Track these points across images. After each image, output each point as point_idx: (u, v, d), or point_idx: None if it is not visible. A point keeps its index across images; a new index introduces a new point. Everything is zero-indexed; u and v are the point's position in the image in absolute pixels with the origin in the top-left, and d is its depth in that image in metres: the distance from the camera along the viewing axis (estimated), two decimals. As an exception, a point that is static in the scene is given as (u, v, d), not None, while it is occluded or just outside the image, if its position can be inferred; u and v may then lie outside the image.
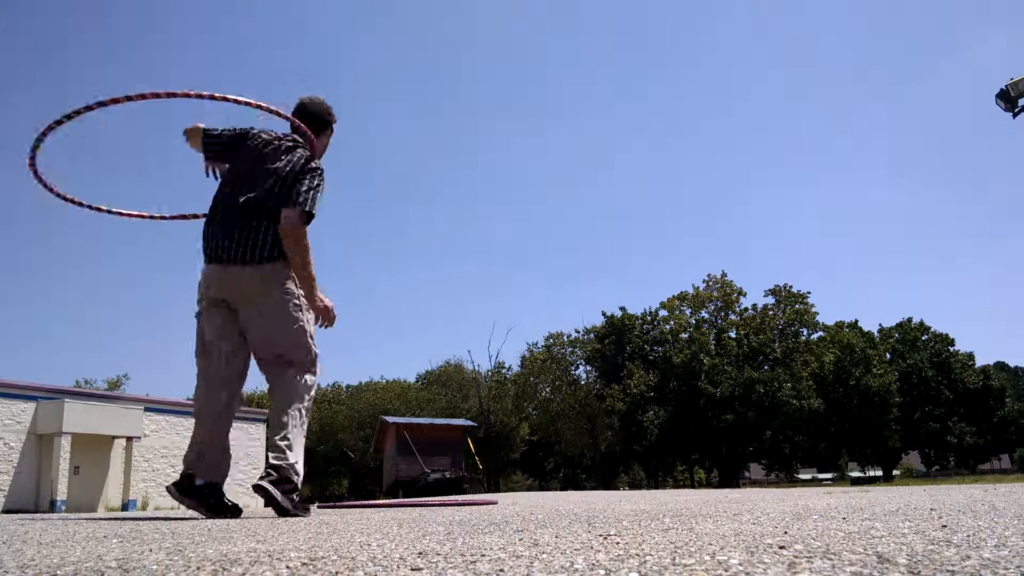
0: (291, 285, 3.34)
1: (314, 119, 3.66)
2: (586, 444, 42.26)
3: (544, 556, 1.18)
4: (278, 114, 3.47)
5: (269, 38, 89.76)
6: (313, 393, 3.44)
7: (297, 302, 3.35)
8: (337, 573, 1.07)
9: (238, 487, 21.30)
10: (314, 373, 3.44)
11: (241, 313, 3.33)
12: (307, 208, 3.28)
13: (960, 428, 45.63)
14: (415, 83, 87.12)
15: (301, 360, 3.38)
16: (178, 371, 72.10)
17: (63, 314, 68.68)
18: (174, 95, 3.19)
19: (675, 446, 40.14)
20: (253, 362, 3.46)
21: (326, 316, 3.43)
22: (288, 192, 3.31)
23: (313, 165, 3.42)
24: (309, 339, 3.41)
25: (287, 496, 3.09)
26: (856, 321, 45.94)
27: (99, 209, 3.86)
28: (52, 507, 16.49)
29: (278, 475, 3.10)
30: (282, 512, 3.07)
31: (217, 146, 3.54)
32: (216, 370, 3.32)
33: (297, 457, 3.23)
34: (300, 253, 3.29)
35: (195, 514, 3.39)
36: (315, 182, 3.36)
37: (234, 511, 3.28)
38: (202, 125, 3.54)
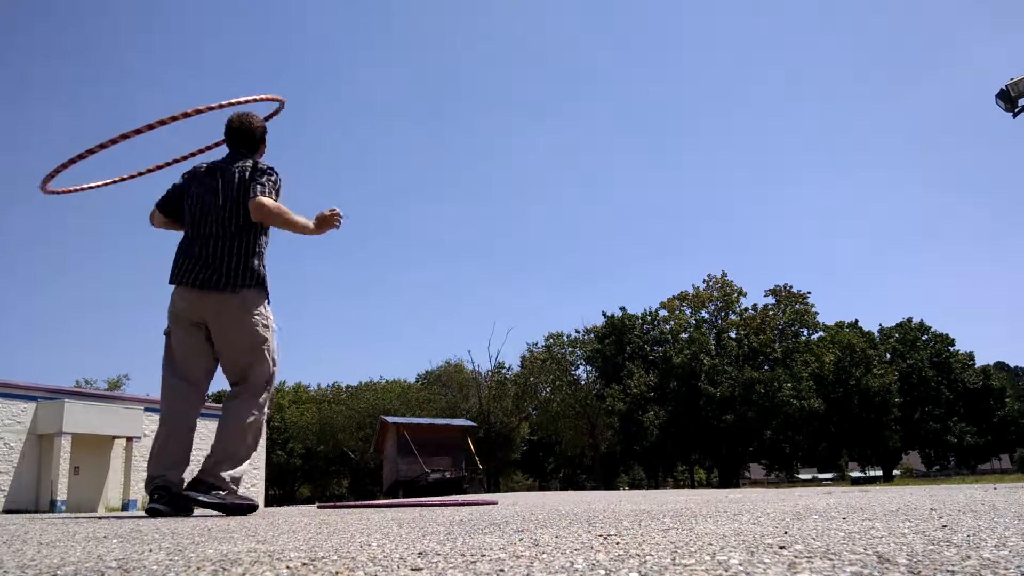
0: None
1: (246, 138, 3.87)
2: (586, 444, 42.25)
3: (544, 556, 1.18)
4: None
5: (268, 38, 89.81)
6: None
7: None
8: (337, 573, 1.07)
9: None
10: None
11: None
12: (265, 192, 3.60)
13: (960, 428, 45.60)
14: (416, 82, 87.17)
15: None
16: (178, 371, 71.77)
17: (63, 314, 68.71)
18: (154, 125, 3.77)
19: (675, 446, 40.14)
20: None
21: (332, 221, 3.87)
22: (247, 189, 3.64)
23: (264, 167, 3.71)
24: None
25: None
26: (856, 321, 45.93)
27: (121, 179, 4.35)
28: (52, 507, 16.49)
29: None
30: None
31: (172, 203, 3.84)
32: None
33: None
34: (280, 220, 3.63)
35: (195, 513, 3.41)
36: (273, 178, 3.69)
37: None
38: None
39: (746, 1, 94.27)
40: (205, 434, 4.23)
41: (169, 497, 3.34)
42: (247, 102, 3.94)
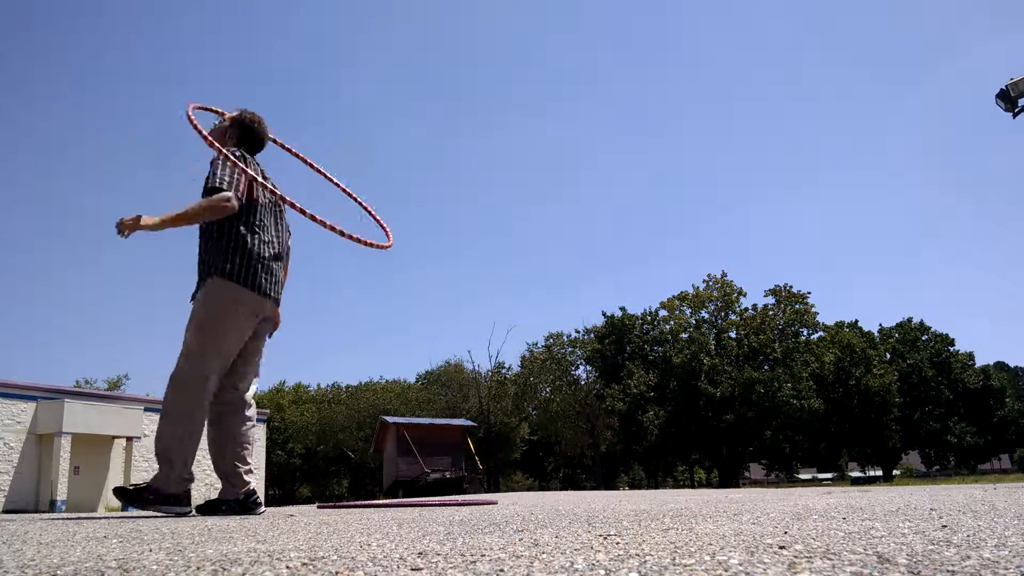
0: None
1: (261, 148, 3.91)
2: (586, 444, 42.25)
3: (544, 556, 1.18)
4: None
5: (268, 37, 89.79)
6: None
7: None
8: (337, 573, 1.07)
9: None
10: None
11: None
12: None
13: (960, 428, 45.62)
14: (415, 81, 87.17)
15: None
16: (178, 371, 71.77)
17: (63, 314, 68.70)
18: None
19: (675, 446, 40.13)
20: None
21: None
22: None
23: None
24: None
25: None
26: (856, 321, 45.94)
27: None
28: (52, 507, 16.49)
29: None
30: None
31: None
32: None
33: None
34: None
35: (195, 514, 3.41)
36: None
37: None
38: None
39: (745, 0, 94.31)
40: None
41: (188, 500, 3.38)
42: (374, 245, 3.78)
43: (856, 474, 54.92)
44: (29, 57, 67.79)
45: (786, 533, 1.47)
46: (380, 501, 5.80)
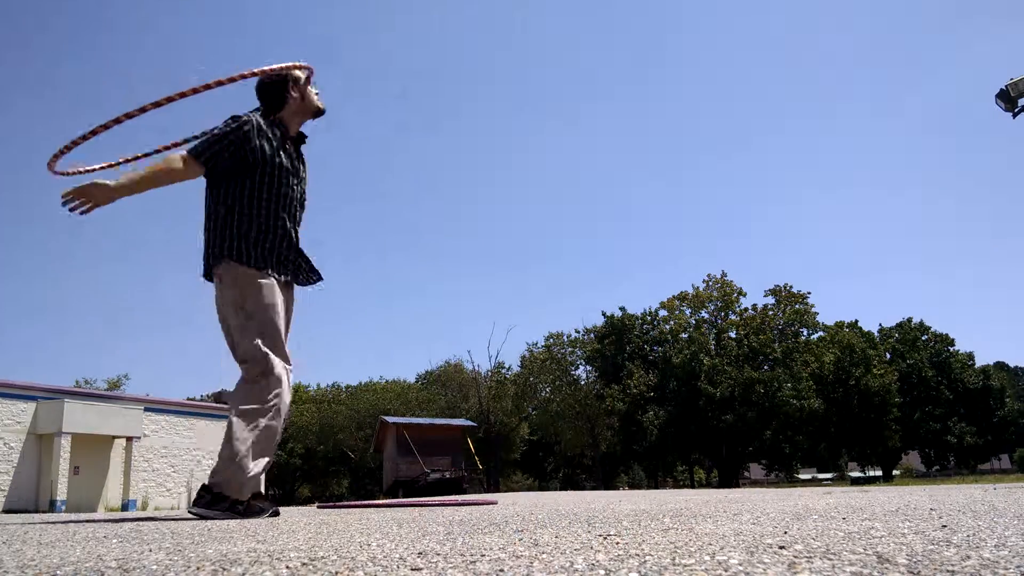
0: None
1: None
2: (586, 444, 42.26)
3: (544, 556, 1.18)
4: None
5: (266, 38, 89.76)
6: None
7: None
8: (337, 573, 1.07)
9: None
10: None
11: None
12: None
13: (960, 428, 45.65)
14: (417, 82, 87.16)
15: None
16: (178, 371, 72.06)
17: (63, 314, 68.70)
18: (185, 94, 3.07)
19: (675, 446, 40.15)
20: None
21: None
22: None
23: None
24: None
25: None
26: (856, 321, 45.97)
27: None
28: (52, 507, 16.50)
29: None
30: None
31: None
32: None
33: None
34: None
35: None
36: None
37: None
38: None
39: (746, 1, 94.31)
40: (214, 431, 4.22)
41: None
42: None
43: (856, 474, 54.94)
44: (29, 57, 67.84)
45: (786, 533, 1.47)
46: (380, 501, 5.80)
